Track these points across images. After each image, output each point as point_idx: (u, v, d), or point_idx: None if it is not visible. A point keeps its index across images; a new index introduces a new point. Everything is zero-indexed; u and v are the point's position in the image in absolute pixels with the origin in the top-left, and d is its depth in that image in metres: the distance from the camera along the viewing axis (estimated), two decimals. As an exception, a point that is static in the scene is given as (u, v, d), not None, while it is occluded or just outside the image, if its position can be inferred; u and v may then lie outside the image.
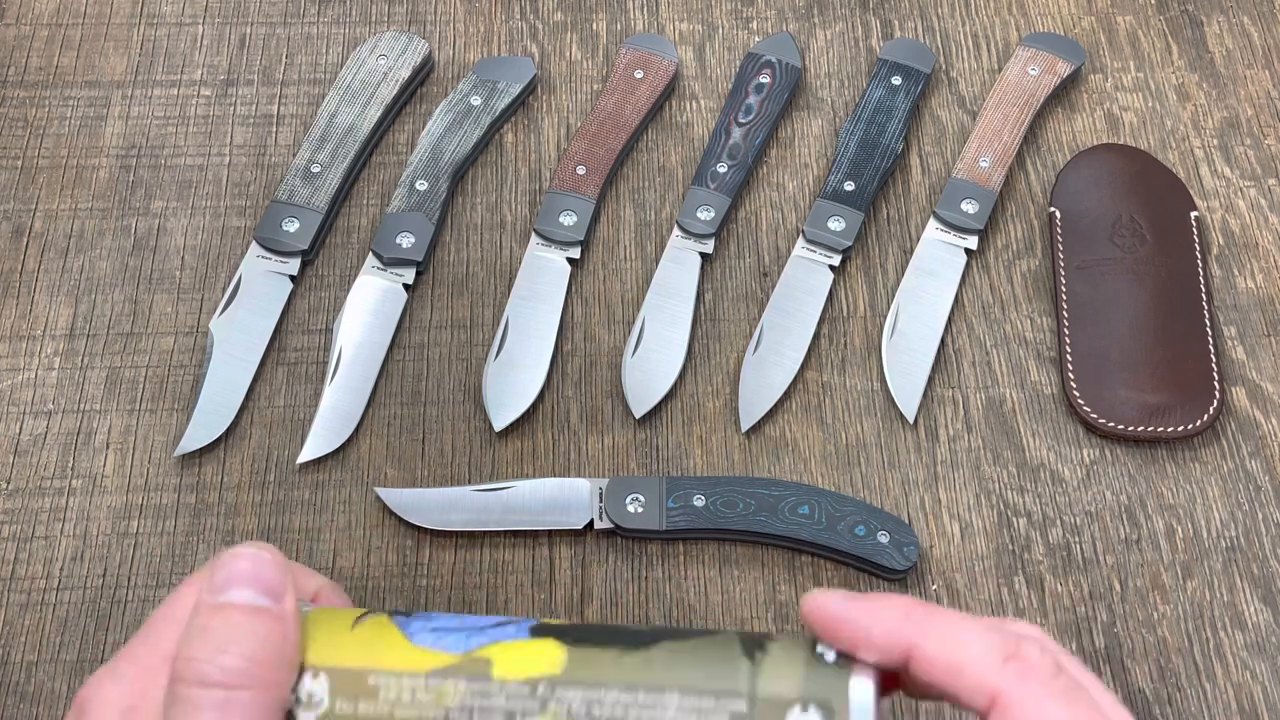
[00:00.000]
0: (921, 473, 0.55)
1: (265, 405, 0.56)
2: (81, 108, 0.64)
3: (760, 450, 0.55)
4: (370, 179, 0.62)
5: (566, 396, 0.57)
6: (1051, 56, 0.64)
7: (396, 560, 0.53)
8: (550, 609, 0.52)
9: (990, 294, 0.60)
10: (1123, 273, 0.58)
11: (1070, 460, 0.55)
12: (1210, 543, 0.53)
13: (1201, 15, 0.68)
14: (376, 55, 0.64)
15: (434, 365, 0.57)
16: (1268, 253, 0.61)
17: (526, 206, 0.62)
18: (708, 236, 0.60)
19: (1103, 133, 0.64)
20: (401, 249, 0.59)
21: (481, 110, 0.62)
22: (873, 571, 0.52)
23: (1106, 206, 0.60)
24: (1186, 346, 0.57)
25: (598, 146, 0.62)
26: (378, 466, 0.55)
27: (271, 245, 0.59)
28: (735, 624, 0.51)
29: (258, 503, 0.54)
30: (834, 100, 0.65)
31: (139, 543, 0.53)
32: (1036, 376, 0.57)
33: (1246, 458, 0.55)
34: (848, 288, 0.60)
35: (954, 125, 0.64)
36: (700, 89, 0.65)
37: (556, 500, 0.53)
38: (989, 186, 0.61)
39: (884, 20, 0.67)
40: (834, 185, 0.61)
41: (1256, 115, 0.64)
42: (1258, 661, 0.51)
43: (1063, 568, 0.53)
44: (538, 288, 0.58)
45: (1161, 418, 0.55)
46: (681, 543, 0.53)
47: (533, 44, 0.66)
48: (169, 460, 0.54)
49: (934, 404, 0.57)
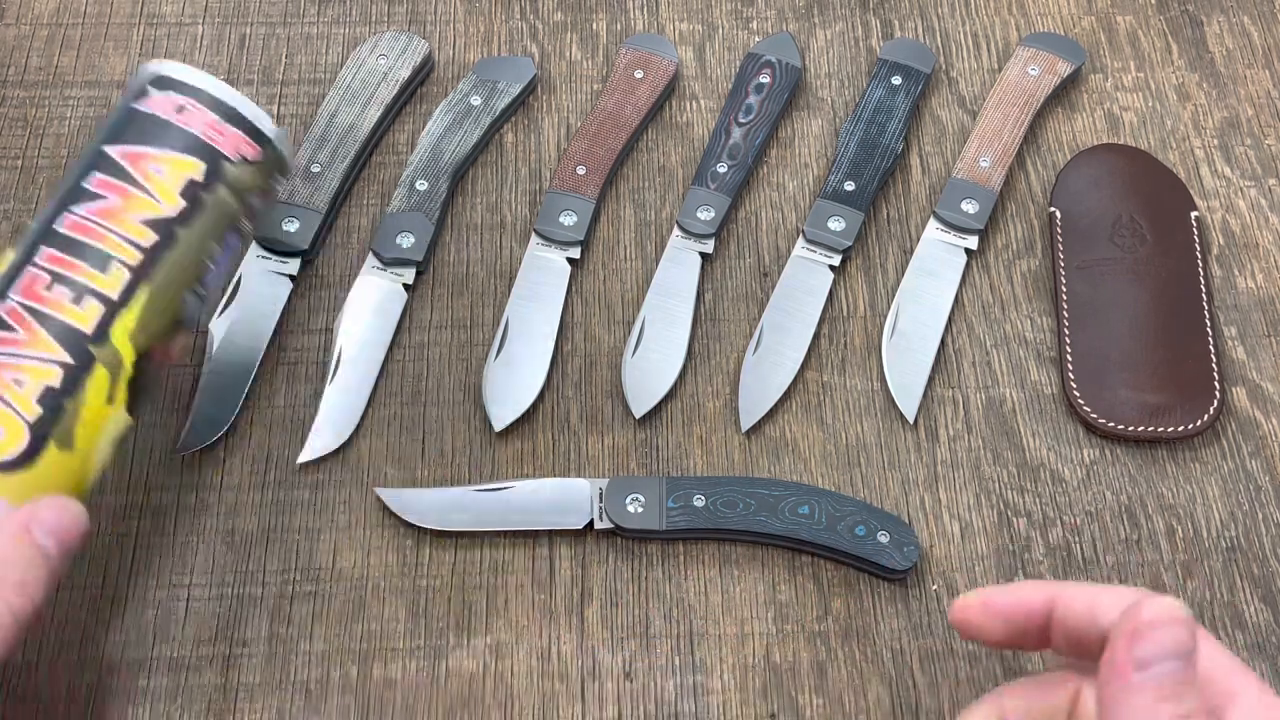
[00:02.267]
0: (921, 473, 0.55)
1: (265, 405, 0.56)
2: (81, 108, 0.64)
3: (760, 450, 0.55)
4: (370, 179, 0.62)
5: (566, 396, 0.57)
6: (1051, 56, 0.64)
7: (396, 560, 0.53)
8: (550, 609, 0.52)
9: (990, 294, 0.60)
10: (1123, 273, 0.58)
11: (1070, 460, 0.55)
12: (1210, 543, 0.53)
13: (1201, 15, 0.68)
14: (376, 55, 0.64)
15: (434, 365, 0.57)
16: (1268, 253, 0.61)
17: (526, 206, 0.62)
18: (708, 236, 0.60)
19: (1103, 133, 0.64)
20: (401, 249, 0.59)
21: (481, 110, 0.62)
22: (873, 571, 0.52)
23: (1106, 206, 0.60)
24: (1186, 346, 0.57)
25: (598, 146, 0.62)
26: (378, 466, 0.55)
27: (271, 245, 0.59)
28: (735, 624, 0.51)
29: (258, 503, 0.54)
30: (834, 100, 0.65)
31: (139, 543, 0.53)
32: (1036, 376, 0.57)
33: (1246, 458, 0.55)
34: (848, 288, 0.60)
35: (954, 125, 0.64)
36: (700, 89, 0.65)
37: (556, 500, 0.53)
38: (989, 186, 0.61)
39: (884, 20, 0.67)
40: (834, 185, 0.61)
41: (1256, 115, 0.65)
42: (1258, 661, 0.51)
43: (1063, 568, 0.53)
44: (538, 288, 0.58)
45: (1161, 418, 0.55)
46: (681, 543, 0.53)
47: (533, 44, 0.66)
48: (169, 460, 0.54)
49: (934, 404, 0.57)
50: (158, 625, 0.51)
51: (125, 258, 0.44)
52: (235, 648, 0.50)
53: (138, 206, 0.44)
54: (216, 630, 0.51)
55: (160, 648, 0.50)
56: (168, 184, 0.45)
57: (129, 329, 0.44)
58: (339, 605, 0.51)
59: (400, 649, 0.51)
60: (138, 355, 0.44)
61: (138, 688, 0.49)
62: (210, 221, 0.46)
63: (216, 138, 0.46)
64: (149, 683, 0.50)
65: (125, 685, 0.50)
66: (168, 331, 0.45)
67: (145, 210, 0.44)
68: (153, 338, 0.45)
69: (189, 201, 0.45)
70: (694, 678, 0.50)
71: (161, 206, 0.44)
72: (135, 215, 0.44)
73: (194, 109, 0.46)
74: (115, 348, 0.43)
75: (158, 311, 0.45)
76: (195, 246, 0.46)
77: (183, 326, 0.46)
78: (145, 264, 0.44)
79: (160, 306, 0.45)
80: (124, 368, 0.44)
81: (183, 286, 0.46)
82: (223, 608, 0.51)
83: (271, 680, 0.50)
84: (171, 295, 0.45)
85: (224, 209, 0.47)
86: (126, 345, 0.44)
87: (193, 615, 0.51)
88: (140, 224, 0.44)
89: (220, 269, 0.48)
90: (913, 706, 0.50)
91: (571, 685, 0.50)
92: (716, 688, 0.50)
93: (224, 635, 0.51)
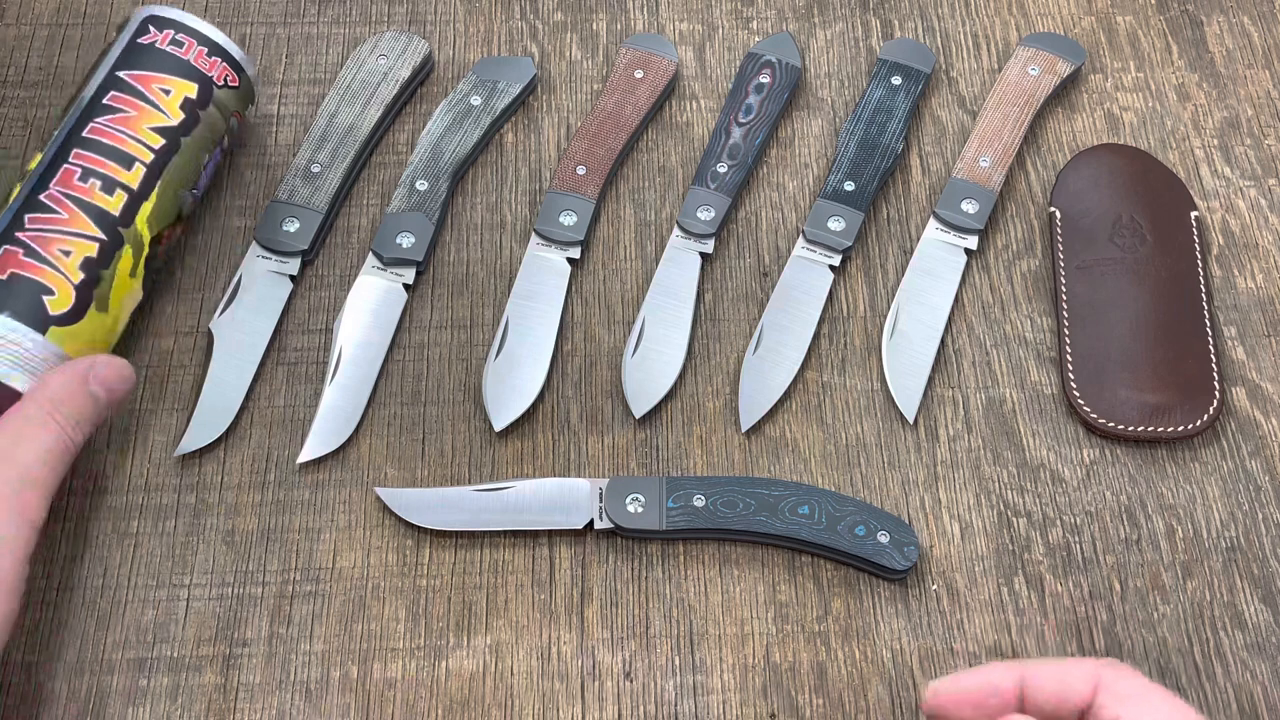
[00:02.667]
0: (921, 473, 0.55)
1: (265, 405, 0.56)
2: (81, 108, 0.64)
3: (760, 450, 0.55)
4: (370, 179, 0.62)
5: (566, 396, 0.57)
6: (1051, 56, 0.64)
7: (396, 560, 0.53)
8: (550, 609, 0.52)
9: (990, 294, 0.60)
10: (1123, 273, 0.58)
11: (1070, 460, 0.55)
12: (1210, 543, 0.53)
13: (1201, 15, 0.68)
14: (376, 55, 0.64)
15: (434, 365, 0.57)
16: (1268, 253, 0.61)
17: (526, 206, 0.62)
18: (708, 236, 0.60)
19: (1103, 133, 0.64)
20: (401, 249, 0.59)
21: (481, 110, 0.63)
22: (873, 571, 0.52)
23: (1106, 206, 0.60)
24: (1186, 346, 0.57)
25: (598, 146, 0.62)
26: (378, 466, 0.55)
27: (271, 245, 0.59)
28: (735, 624, 0.51)
29: (258, 503, 0.54)
30: (834, 100, 0.65)
31: (139, 543, 0.53)
32: (1036, 376, 0.57)
33: (1246, 458, 0.55)
34: (848, 288, 0.60)
35: (954, 125, 0.64)
36: (700, 89, 0.65)
37: (556, 500, 0.53)
38: (989, 186, 0.61)
39: (884, 20, 0.67)
40: (834, 185, 0.61)
41: (1256, 115, 0.65)
42: (1258, 661, 0.51)
43: (1063, 568, 0.53)
44: (538, 288, 0.58)
45: (1161, 418, 0.55)
46: (681, 543, 0.53)
47: (533, 44, 0.66)
48: (169, 460, 0.54)
49: (934, 404, 0.57)
50: (158, 625, 0.51)
51: (142, 158, 0.54)
52: (235, 648, 0.50)
53: (149, 118, 0.55)
54: (216, 630, 0.51)
55: (160, 648, 0.50)
56: (171, 101, 0.55)
57: (147, 216, 0.54)
58: (339, 605, 0.51)
59: (400, 649, 0.51)
60: (152, 237, 0.54)
61: (138, 688, 0.49)
62: (203, 133, 0.57)
63: (206, 66, 0.57)
64: (149, 683, 0.50)
65: (125, 685, 0.50)
66: (172, 220, 0.56)
67: (155, 120, 0.55)
68: (162, 224, 0.55)
69: (187, 115, 0.56)
70: (694, 678, 0.50)
71: (168, 118, 0.55)
72: (148, 124, 0.55)
73: (188, 42, 0.57)
74: (138, 230, 0.54)
75: (166, 203, 0.55)
76: (193, 152, 0.56)
77: (181, 218, 0.57)
78: (157, 163, 0.54)
79: (169, 199, 0.55)
80: (144, 247, 0.54)
81: (182, 185, 0.56)
82: (223, 608, 0.51)
83: (271, 680, 0.50)
84: (176, 190, 0.55)
85: (213, 124, 0.57)
86: (145, 229, 0.54)
87: (193, 615, 0.51)
88: (152, 131, 0.54)
89: (207, 175, 0.58)
90: (913, 706, 0.50)
91: (571, 685, 0.50)
92: (716, 688, 0.50)
93: (224, 635, 0.51)
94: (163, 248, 0.56)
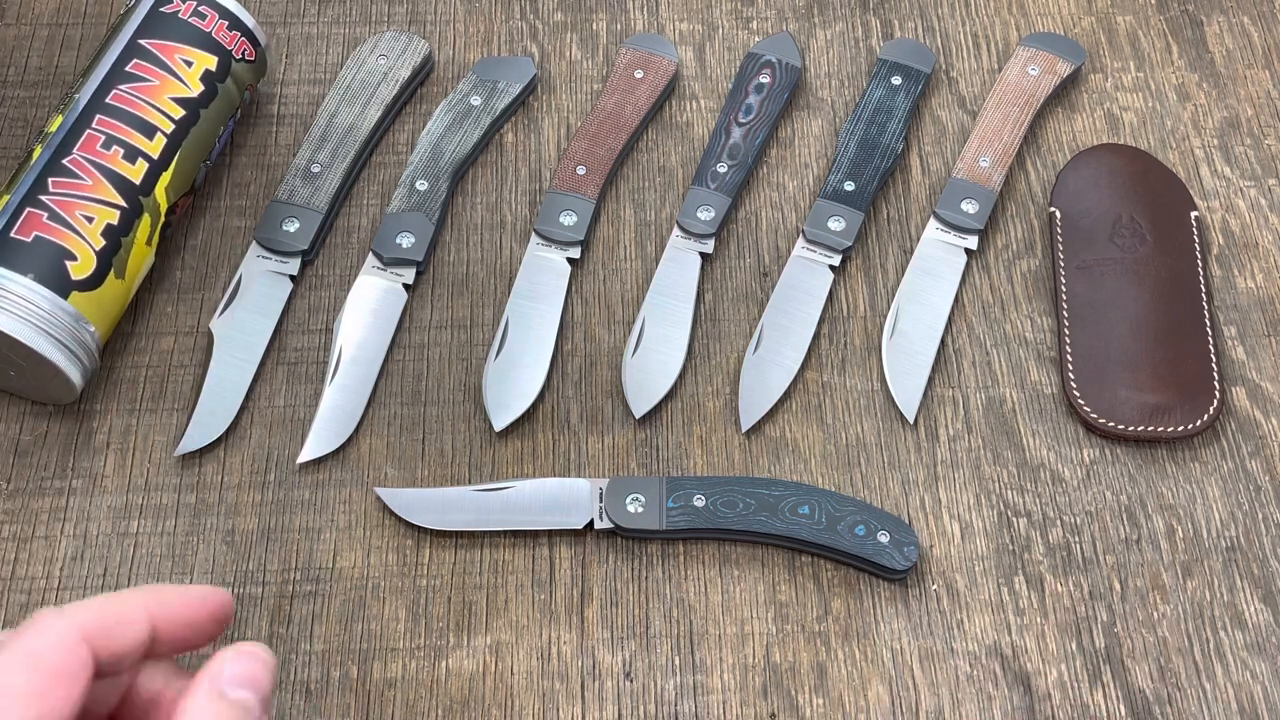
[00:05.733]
0: (921, 473, 0.55)
1: (265, 405, 0.56)
2: (81, 108, 0.64)
3: (760, 450, 0.55)
4: (370, 179, 0.62)
5: (566, 396, 0.57)
6: (1051, 56, 0.64)
7: (396, 560, 0.53)
8: (550, 609, 0.52)
9: (990, 294, 0.60)
10: (1123, 273, 0.58)
11: (1070, 460, 0.55)
12: (1210, 543, 0.53)
13: (1201, 15, 0.68)
14: (376, 55, 0.64)
15: (434, 365, 0.57)
16: (1268, 253, 0.61)
17: (526, 206, 0.62)
18: (708, 236, 0.60)
19: (1103, 133, 0.64)
20: (401, 249, 0.59)
21: (481, 110, 0.63)
22: (873, 571, 0.52)
23: (1106, 206, 0.60)
24: (1186, 346, 0.57)
25: (598, 146, 0.62)
26: (378, 466, 0.55)
27: (271, 245, 0.59)
28: (735, 624, 0.51)
29: (258, 503, 0.54)
30: (834, 100, 0.65)
31: (139, 543, 0.53)
32: (1036, 376, 0.57)
33: (1246, 458, 0.55)
34: (848, 288, 0.60)
35: (954, 125, 0.64)
36: (700, 89, 0.65)
37: (556, 500, 0.53)
38: (989, 186, 0.61)
39: (884, 20, 0.67)
40: (834, 185, 0.61)
41: (1256, 115, 0.65)
42: (1258, 661, 0.51)
43: (1063, 568, 0.53)
44: (538, 288, 0.59)
45: (1161, 418, 0.55)
46: (681, 543, 0.53)
47: (533, 44, 0.66)
48: (169, 460, 0.54)
49: (934, 404, 0.57)
50: (158, 625, 0.51)
51: (164, 128, 0.55)
52: (235, 648, 0.50)
53: (171, 88, 0.56)
54: (216, 630, 0.51)
55: (160, 648, 0.50)
56: (193, 73, 0.56)
57: (165, 185, 0.55)
58: (339, 605, 0.51)
59: (400, 649, 0.51)
60: (168, 207, 0.55)
61: (138, 688, 0.49)
62: (220, 105, 0.58)
63: (227, 40, 0.57)
64: (149, 683, 0.50)
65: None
66: (187, 191, 0.57)
67: (177, 91, 0.56)
68: (178, 194, 0.56)
69: (207, 87, 0.57)
70: (694, 678, 0.50)
71: (189, 89, 0.56)
72: (169, 95, 0.55)
73: (210, 14, 0.57)
74: (156, 199, 0.55)
75: (184, 174, 0.56)
76: (210, 124, 0.57)
77: (195, 188, 0.58)
78: (178, 134, 0.55)
79: (186, 170, 0.56)
80: (161, 216, 0.55)
81: (199, 156, 0.57)
82: (223, 608, 0.51)
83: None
84: (193, 162, 0.57)
85: (229, 97, 0.58)
86: (163, 198, 0.55)
87: (193, 615, 0.51)
88: (173, 102, 0.55)
89: (220, 146, 0.59)
90: (913, 706, 0.50)
91: (571, 685, 0.50)
92: (716, 688, 0.50)
93: (224, 635, 0.51)
94: (176, 217, 0.57)
